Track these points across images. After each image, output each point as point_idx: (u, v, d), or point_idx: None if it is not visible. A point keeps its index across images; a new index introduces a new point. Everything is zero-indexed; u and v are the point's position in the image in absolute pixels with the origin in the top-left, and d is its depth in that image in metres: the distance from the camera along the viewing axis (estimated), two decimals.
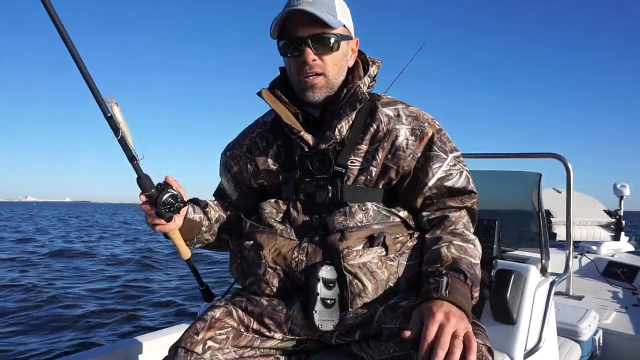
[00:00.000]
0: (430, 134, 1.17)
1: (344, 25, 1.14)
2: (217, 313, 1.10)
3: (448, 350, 0.85)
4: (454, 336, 0.87)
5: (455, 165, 1.17)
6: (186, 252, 1.22)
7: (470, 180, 1.20)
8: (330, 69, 1.13)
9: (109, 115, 1.03)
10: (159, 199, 1.06)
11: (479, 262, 1.09)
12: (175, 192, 1.08)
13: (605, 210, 3.94)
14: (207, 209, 1.25)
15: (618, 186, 4.23)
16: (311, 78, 1.12)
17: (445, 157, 1.16)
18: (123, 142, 1.06)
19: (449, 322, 0.88)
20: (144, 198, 1.08)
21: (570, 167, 1.95)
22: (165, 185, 1.09)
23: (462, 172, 1.17)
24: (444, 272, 1.01)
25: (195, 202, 1.14)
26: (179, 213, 1.11)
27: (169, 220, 1.08)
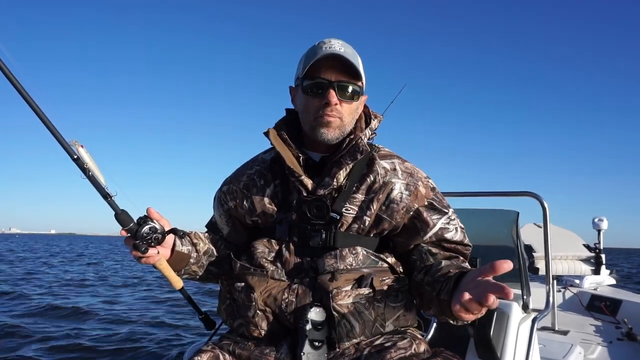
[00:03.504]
0: (423, 193, 1.22)
1: (363, 81, 1.21)
2: (204, 358, 1.10)
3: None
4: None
5: (453, 220, 1.23)
6: (177, 283, 1.23)
7: (465, 234, 1.25)
8: (346, 116, 1.19)
9: (76, 157, 1.05)
10: (138, 233, 1.08)
11: None
12: (155, 225, 1.10)
13: (584, 245, 4.03)
14: (195, 242, 1.27)
15: (596, 220, 4.34)
16: (328, 118, 1.16)
17: (446, 212, 1.22)
18: (94, 181, 1.08)
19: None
20: (124, 233, 1.10)
21: (546, 205, 2.02)
22: (145, 218, 1.10)
23: (457, 228, 1.23)
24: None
25: (173, 232, 1.15)
26: (159, 245, 1.12)
27: (144, 252, 1.09)
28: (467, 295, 0.86)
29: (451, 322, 1.05)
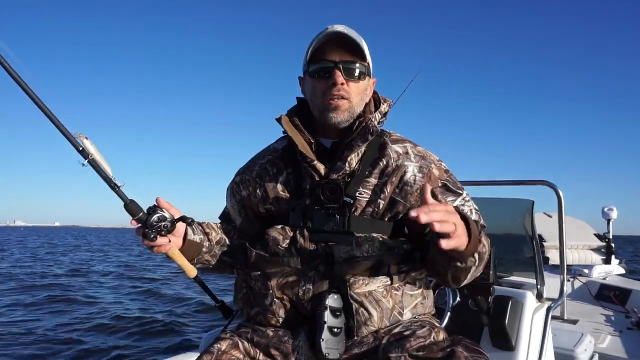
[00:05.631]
0: (437, 175, 1.21)
1: (369, 62, 1.21)
2: (223, 345, 1.11)
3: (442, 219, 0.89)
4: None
5: (468, 202, 1.21)
6: (191, 271, 1.23)
7: (480, 216, 1.23)
8: (354, 96, 1.18)
9: (81, 148, 1.06)
10: (148, 222, 1.09)
11: (487, 253, 1.12)
12: (164, 213, 1.10)
13: (595, 234, 4.01)
14: (208, 231, 1.27)
15: (606, 209, 4.31)
16: (336, 100, 1.16)
17: (460, 193, 1.21)
18: (99, 171, 1.08)
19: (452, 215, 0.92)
20: (134, 223, 1.10)
21: (561, 194, 2.01)
22: (155, 208, 1.11)
23: (472, 209, 1.21)
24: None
25: (182, 219, 1.15)
26: (169, 233, 1.12)
27: (153, 240, 1.09)
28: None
29: (452, 262, 1.07)
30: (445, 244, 0.90)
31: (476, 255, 1.06)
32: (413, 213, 0.86)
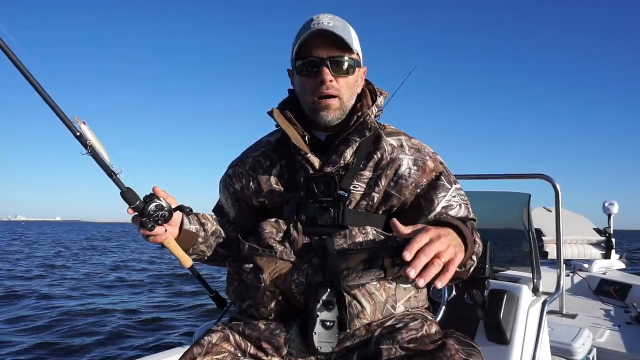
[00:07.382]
0: (432, 167, 1.21)
1: (358, 53, 1.19)
2: (214, 338, 1.10)
3: (427, 263, 0.85)
4: (437, 256, 0.87)
5: (455, 197, 1.20)
6: (187, 261, 1.22)
7: (470, 209, 1.24)
8: (344, 91, 1.17)
9: (78, 133, 1.04)
10: (145, 210, 1.07)
11: (479, 245, 1.13)
12: (161, 202, 1.09)
13: (595, 229, 4.00)
14: (203, 222, 1.27)
15: (606, 204, 4.30)
16: (326, 99, 1.15)
17: (449, 187, 1.20)
18: (97, 158, 1.06)
19: (440, 239, 0.89)
20: (131, 211, 1.09)
21: (558, 187, 2.00)
22: (151, 196, 1.10)
23: (461, 204, 1.21)
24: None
25: (180, 209, 1.13)
26: (166, 222, 1.11)
27: (150, 230, 1.08)
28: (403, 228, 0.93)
29: None
30: (440, 285, 0.87)
31: (474, 257, 1.08)
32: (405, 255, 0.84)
